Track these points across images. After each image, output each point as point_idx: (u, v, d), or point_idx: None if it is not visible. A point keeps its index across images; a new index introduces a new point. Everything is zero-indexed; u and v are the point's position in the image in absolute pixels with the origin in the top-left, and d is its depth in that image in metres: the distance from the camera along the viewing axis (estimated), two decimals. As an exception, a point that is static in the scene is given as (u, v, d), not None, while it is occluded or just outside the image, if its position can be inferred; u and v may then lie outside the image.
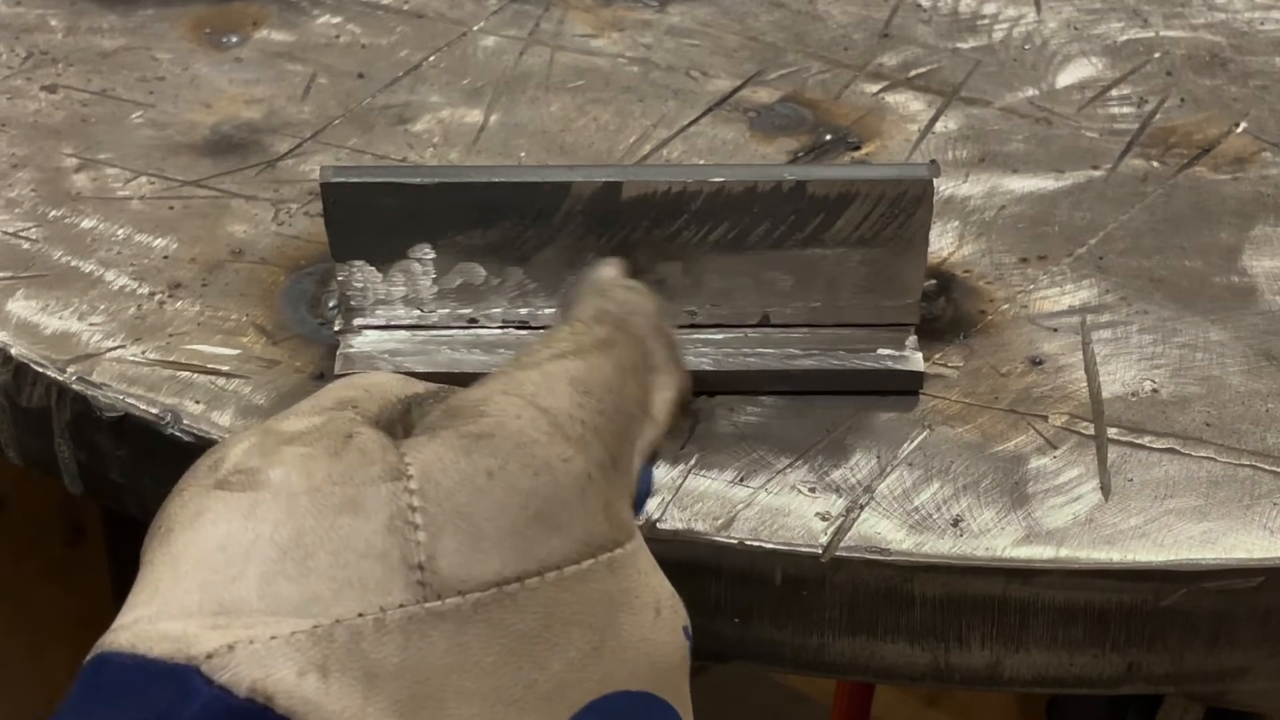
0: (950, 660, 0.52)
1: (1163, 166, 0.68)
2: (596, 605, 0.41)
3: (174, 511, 0.41)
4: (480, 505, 0.40)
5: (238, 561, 0.39)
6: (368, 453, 0.41)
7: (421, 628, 0.39)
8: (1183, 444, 0.54)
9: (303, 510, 0.39)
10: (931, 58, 0.75)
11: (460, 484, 0.40)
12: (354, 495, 0.40)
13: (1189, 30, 0.76)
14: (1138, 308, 0.60)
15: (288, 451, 0.41)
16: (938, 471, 0.53)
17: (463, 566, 0.39)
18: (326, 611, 0.38)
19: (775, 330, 0.57)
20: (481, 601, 0.39)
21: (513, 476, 0.40)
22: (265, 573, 0.39)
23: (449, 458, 0.41)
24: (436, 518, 0.40)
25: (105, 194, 0.66)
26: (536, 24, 0.77)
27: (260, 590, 0.38)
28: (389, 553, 0.39)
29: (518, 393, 0.42)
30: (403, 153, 0.68)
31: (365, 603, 0.38)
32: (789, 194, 0.54)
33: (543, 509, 0.40)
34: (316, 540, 0.39)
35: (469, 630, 0.39)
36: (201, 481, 0.41)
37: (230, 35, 0.76)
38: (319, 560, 0.39)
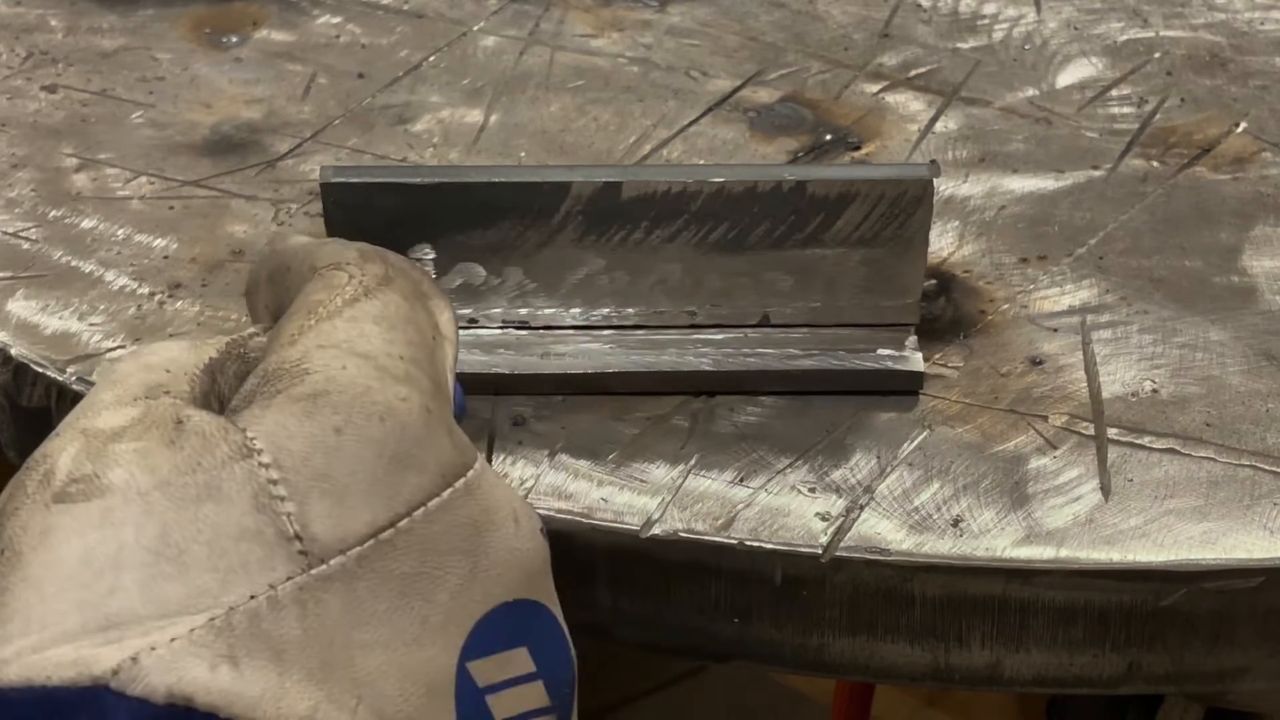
0: (950, 660, 0.52)
1: (1163, 166, 0.68)
2: (464, 529, 0.42)
3: (15, 534, 0.39)
4: (337, 463, 0.40)
5: (108, 573, 0.38)
6: (208, 436, 0.40)
7: (314, 594, 0.39)
8: (1183, 444, 0.54)
9: (160, 507, 0.39)
10: (931, 58, 0.75)
11: (312, 447, 0.40)
12: (209, 481, 0.39)
13: (1189, 30, 0.77)
14: (1138, 308, 0.60)
15: (119, 450, 0.40)
16: (938, 471, 0.53)
17: (337, 526, 0.40)
18: (218, 601, 0.38)
19: (775, 330, 0.57)
20: (363, 555, 0.40)
21: (360, 428, 0.41)
22: (142, 578, 0.38)
23: (292, 424, 0.40)
24: (299, 486, 0.40)
25: (105, 194, 0.66)
26: (536, 24, 0.77)
27: (143, 596, 0.38)
28: (263, 530, 0.39)
29: (332, 343, 0.43)
30: (403, 153, 0.68)
31: (253, 584, 0.38)
32: (789, 194, 0.54)
33: (396, 451, 0.41)
34: (185, 534, 0.38)
35: (358, 585, 0.40)
36: (35, 498, 0.40)
37: (230, 35, 0.76)
38: (194, 554, 0.38)
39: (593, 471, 0.53)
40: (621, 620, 0.53)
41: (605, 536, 0.52)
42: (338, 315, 0.44)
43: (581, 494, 0.53)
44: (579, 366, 0.56)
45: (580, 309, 0.57)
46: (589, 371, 0.56)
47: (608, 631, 0.54)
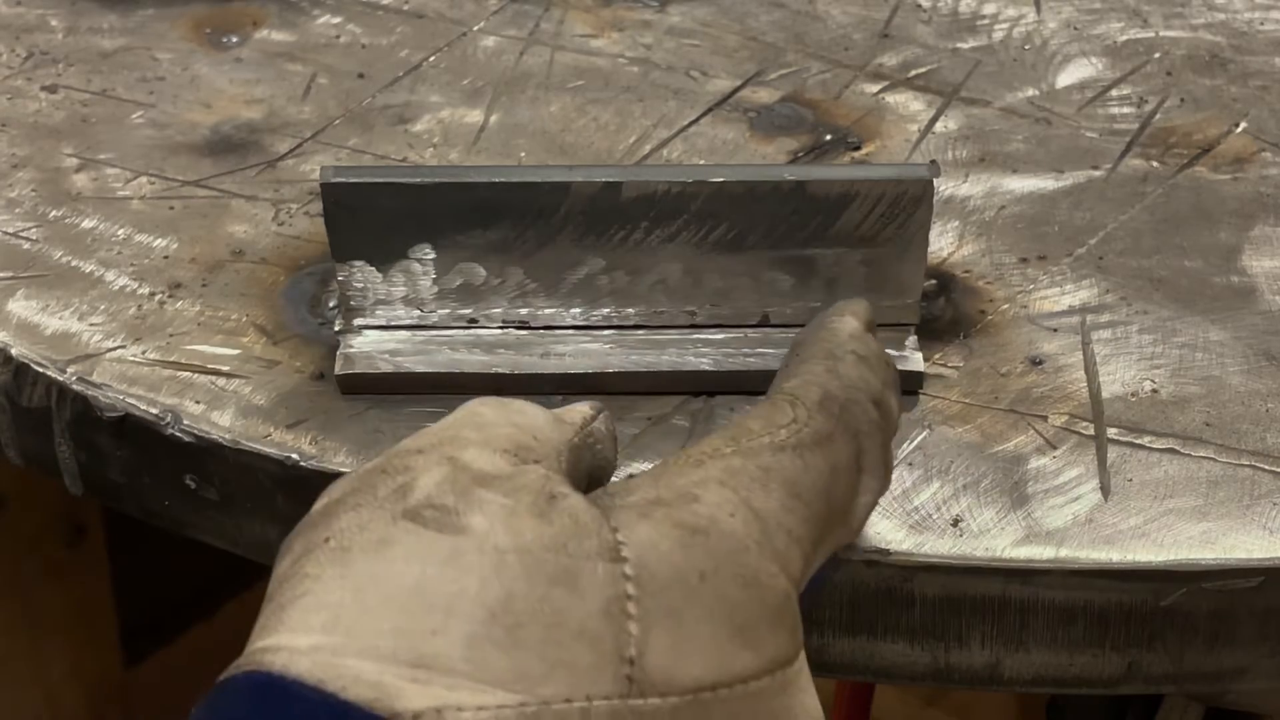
0: (950, 660, 0.52)
1: (1163, 166, 0.68)
2: (763, 718, 0.40)
3: (349, 529, 0.39)
4: (691, 606, 0.39)
5: (438, 612, 0.37)
6: (581, 523, 0.39)
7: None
8: (1183, 444, 0.54)
9: (512, 572, 0.37)
10: (931, 58, 0.75)
11: (674, 579, 0.39)
12: (569, 568, 0.38)
13: (1189, 30, 0.77)
14: (1138, 308, 0.60)
15: (487, 497, 0.39)
16: (938, 471, 0.53)
17: (669, 668, 0.38)
18: (533, 690, 0.36)
19: (775, 330, 0.57)
20: (678, 707, 0.38)
21: (724, 583, 0.39)
22: (471, 633, 0.36)
23: (664, 547, 0.39)
24: (651, 610, 0.38)
25: (105, 194, 0.66)
26: (536, 24, 0.77)
27: (466, 652, 0.36)
28: (602, 639, 0.38)
29: (733, 486, 0.41)
30: (403, 153, 0.68)
31: (574, 688, 0.37)
32: (789, 194, 0.54)
33: (745, 623, 0.40)
34: (528, 610, 0.37)
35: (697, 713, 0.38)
36: (385, 506, 0.39)
37: (230, 35, 0.76)
38: (530, 633, 0.37)
39: (593, 471, 0.53)
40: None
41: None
42: (753, 457, 0.42)
43: (581, 494, 0.52)
44: (579, 366, 0.56)
45: (580, 309, 0.57)
46: (589, 371, 0.56)
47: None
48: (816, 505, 0.43)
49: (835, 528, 0.44)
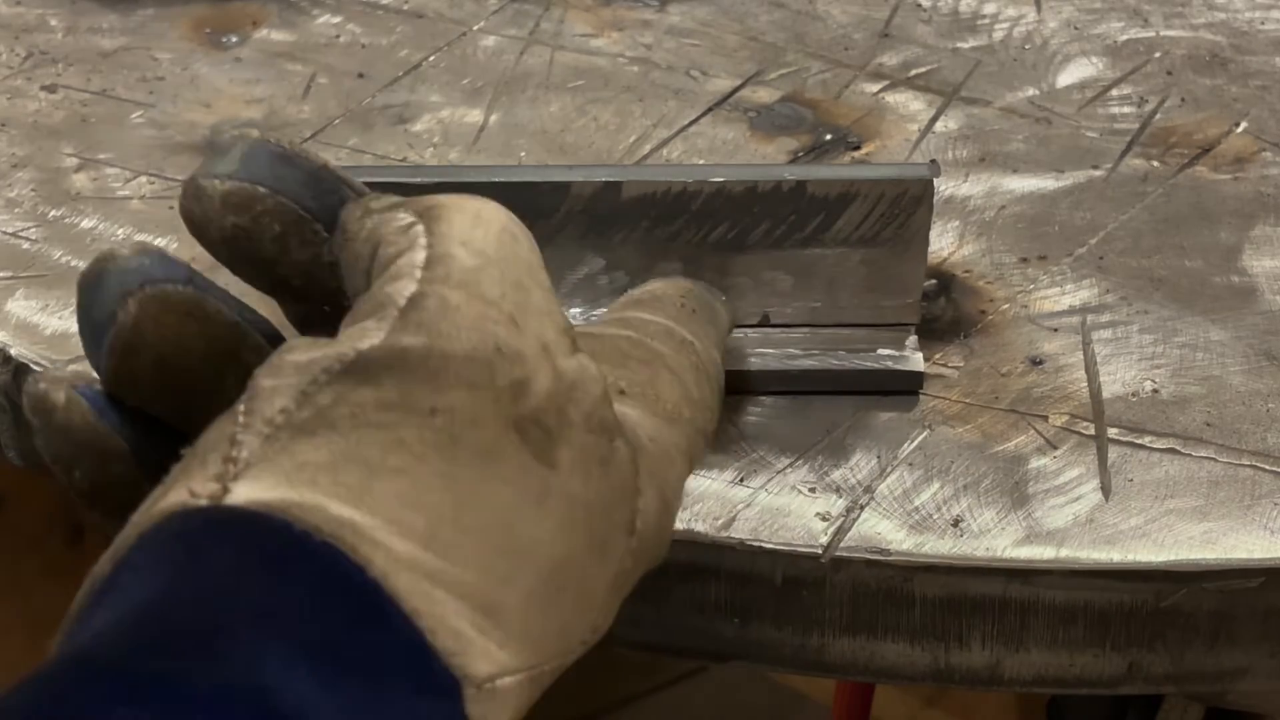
0: (950, 660, 0.52)
1: (1163, 166, 0.68)
2: None
3: (461, 415, 0.35)
4: (632, 582, 0.41)
5: (516, 558, 0.35)
6: (625, 484, 0.39)
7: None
8: (1183, 444, 0.54)
9: (575, 532, 0.37)
10: (931, 58, 0.75)
11: (651, 561, 0.41)
12: (606, 538, 0.38)
13: (1189, 30, 0.76)
14: (1138, 308, 0.60)
15: (573, 427, 0.37)
16: (938, 471, 0.53)
17: (605, 628, 0.40)
18: (543, 655, 0.36)
19: (775, 330, 0.57)
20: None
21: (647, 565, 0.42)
22: (532, 590, 0.36)
23: (651, 526, 0.40)
24: (627, 584, 0.40)
25: (105, 194, 0.66)
26: (536, 24, 0.77)
27: (522, 610, 0.35)
28: (601, 610, 0.38)
29: (686, 460, 0.44)
30: (403, 153, 0.68)
31: (562, 655, 0.37)
32: (789, 194, 0.54)
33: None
34: (573, 576, 0.37)
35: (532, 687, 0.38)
36: (501, 403, 0.36)
37: (230, 35, 0.76)
38: (566, 599, 0.37)
39: (593, 471, 0.53)
40: (621, 620, 0.53)
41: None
42: (692, 435, 0.46)
43: (581, 494, 0.52)
44: (579, 366, 0.56)
45: (580, 309, 0.57)
46: (589, 371, 0.56)
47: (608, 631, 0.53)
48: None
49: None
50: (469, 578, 0.34)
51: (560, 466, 0.37)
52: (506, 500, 0.35)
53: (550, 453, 0.37)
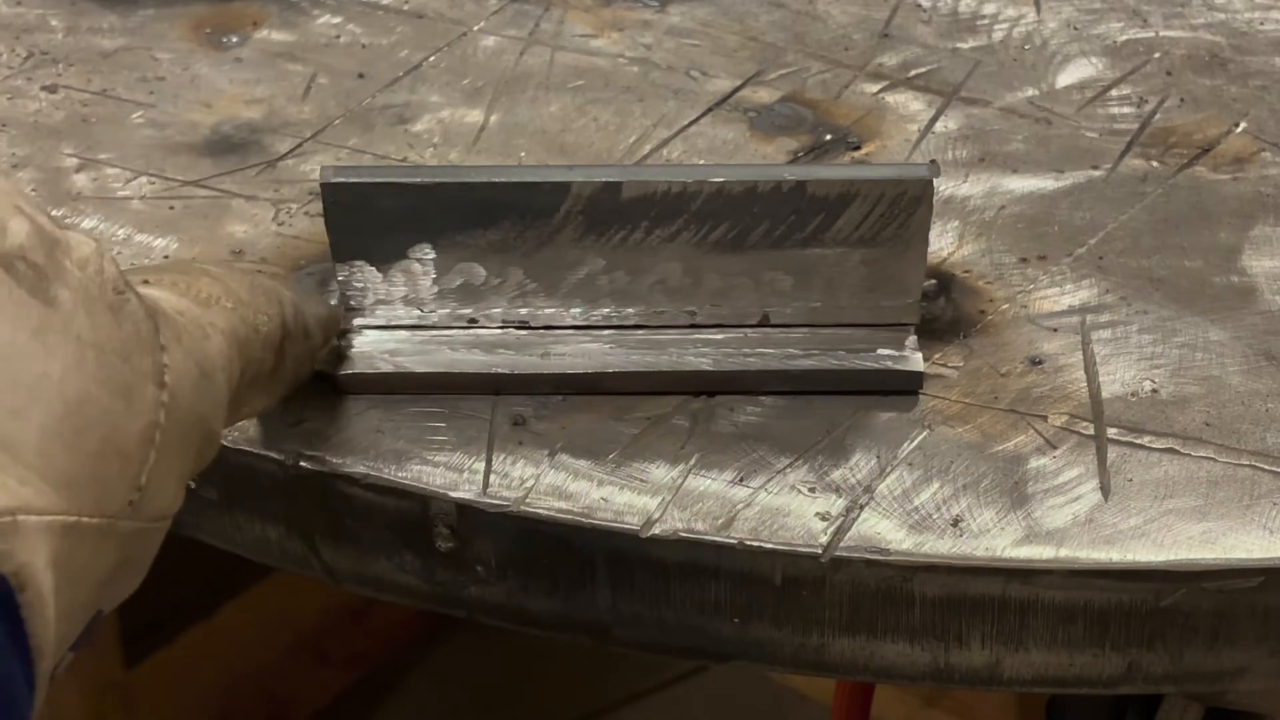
0: (950, 660, 0.52)
1: (1162, 166, 0.68)
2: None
3: None
4: (184, 444, 0.41)
5: (22, 391, 0.35)
6: (143, 335, 0.39)
7: (110, 543, 0.38)
8: (1182, 444, 0.54)
9: (89, 371, 0.37)
10: (931, 58, 0.75)
11: (184, 419, 0.40)
12: (130, 383, 0.38)
13: (1189, 30, 0.76)
14: (1137, 308, 0.60)
15: (71, 270, 0.38)
16: (938, 471, 0.53)
17: (156, 498, 0.40)
18: (77, 502, 0.36)
19: (775, 330, 0.57)
20: (144, 530, 0.40)
21: (203, 429, 0.43)
22: (46, 426, 0.35)
23: (186, 384, 0.41)
24: (167, 444, 0.39)
25: (105, 194, 0.66)
26: (536, 24, 0.77)
27: (39, 445, 0.35)
28: (130, 464, 0.38)
29: (228, 341, 0.45)
30: (403, 153, 0.68)
31: (101, 506, 0.37)
32: (789, 194, 0.54)
33: (195, 470, 0.44)
34: (93, 416, 0.37)
35: (126, 548, 0.39)
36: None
37: (230, 35, 0.76)
38: (88, 440, 0.37)
39: (593, 471, 0.53)
40: (621, 620, 0.53)
41: (605, 536, 0.52)
42: (243, 322, 0.47)
43: (581, 494, 0.53)
44: (579, 366, 0.56)
45: (580, 309, 0.57)
46: (589, 371, 0.56)
47: (608, 631, 0.54)
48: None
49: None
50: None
51: (60, 305, 0.37)
52: (3, 333, 0.35)
53: (45, 290, 0.37)
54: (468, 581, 0.54)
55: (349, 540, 0.55)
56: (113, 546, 0.38)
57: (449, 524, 0.53)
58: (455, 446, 0.54)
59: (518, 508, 0.52)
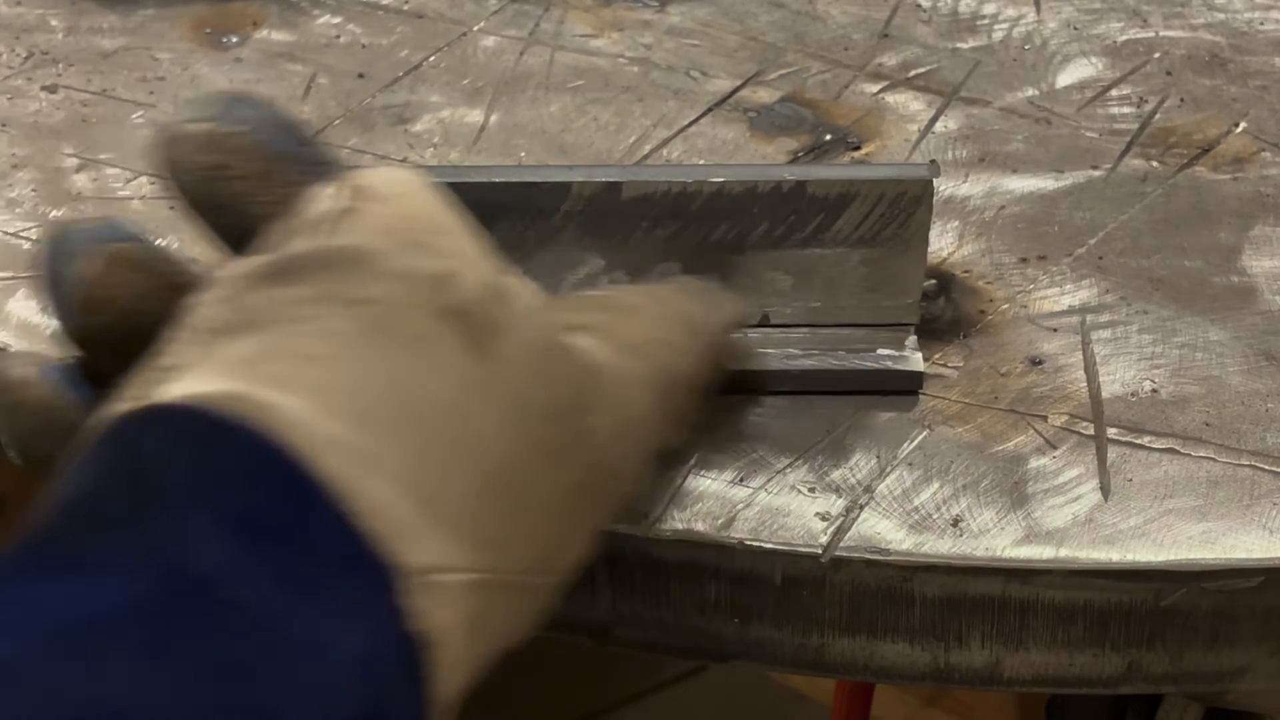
0: (950, 660, 0.52)
1: (1162, 166, 0.68)
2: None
3: (389, 303, 0.35)
4: (588, 513, 0.42)
5: (455, 448, 0.35)
6: (573, 397, 0.39)
7: (519, 599, 0.38)
8: (1182, 444, 0.54)
9: (518, 430, 0.36)
10: (931, 58, 0.75)
11: (607, 479, 0.42)
12: (555, 443, 0.37)
13: (1189, 30, 0.76)
14: (1137, 308, 0.60)
15: (515, 330, 0.37)
16: (938, 471, 0.53)
17: (573, 558, 0.41)
18: (493, 560, 0.35)
19: (775, 330, 0.57)
20: (537, 586, 0.40)
21: (601, 505, 0.43)
22: (472, 485, 0.35)
23: (613, 451, 0.42)
24: (585, 503, 0.40)
25: (106, 194, 0.66)
26: (536, 24, 0.77)
27: (467, 506, 0.35)
28: (549, 524, 0.38)
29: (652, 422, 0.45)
30: (403, 153, 0.68)
31: (516, 564, 0.37)
32: (789, 194, 0.54)
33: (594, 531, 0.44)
34: (518, 476, 0.36)
35: (532, 601, 0.39)
36: (426, 288, 0.36)
37: (230, 35, 0.76)
38: (511, 499, 0.36)
39: (593, 471, 0.53)
40: (621, 620, 0.53)
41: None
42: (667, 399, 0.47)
43: (581, 494, 0.53)
44: (579, 366, 0.56)
45: (580, 309, 0.57)
46: (589, 371, 0.56)
47: (608, 631, 0.54)
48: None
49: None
50: (405, 464, 0.34)
51: (498, 360, 0.36)
52: (441, 387, 0.35)
53: (486, 345, 0.36)
54: (468, 581, 0.54)
55: (349, 540, 0.55)
56: (519, 600, 0.38)
57: (449, 524, 0.53)
58: (455, 446, 0.54)
59: (518, 508, 0.52)
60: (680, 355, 0.47)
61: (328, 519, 0.33)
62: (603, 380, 0.41)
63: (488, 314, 0.37)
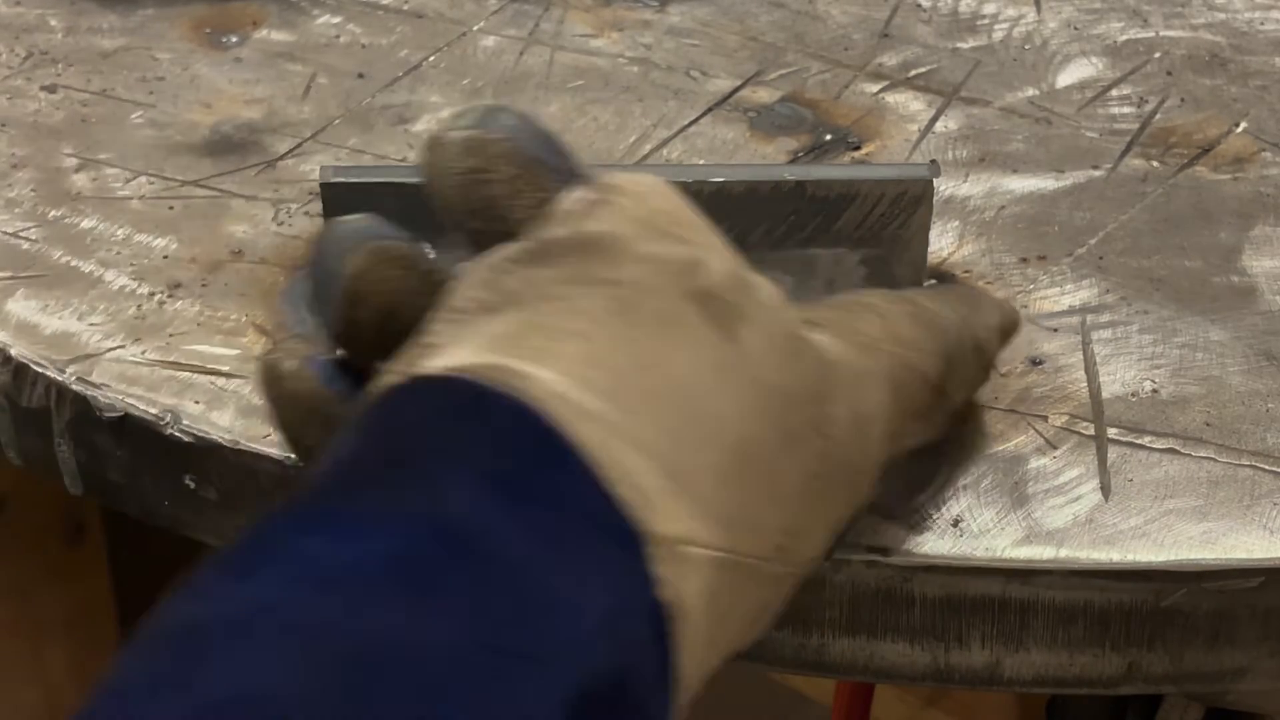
0: (950, 660, 0.52)
1: (1163, 166, 0.67)
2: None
3: (639, 284, 0.37)
4: (841, 499, 0.42)
5: (700, 425, 0.36)
6: (812, 384, 0.39)
7: (758, 585, 0.38)
8: (1183, 444, 0.54)
9: (762, 413, 0.37)
10: (931, 58, 0.75)
11: (846, 469, 0.41)
12: (795, 429, 0.38)
13: (1189, 30, 0.76)
14: (1138, 308, 0.60)
15: (761, 316, 0.39)
16: (938, 471, 0.53)
17: (804, 549, 0.40)
18: (734, 540, 0.36)
19: (775, 330, 0.57)
20: (788, 574, 0.40)
21: (853, 496, 0.44)
22: (719, 463, 0.36)
23: (844, 437, 0.41)
24: (821, 493, 0.40)
25: (105, 194, 0.66)
26: (536, 24, 0.77)
27: (710, 482, 0.36)
28: (786, 510, 0.38)
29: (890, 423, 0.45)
30: (403, 153, 0.68)
31: (754, 547, 0.37)
32: (789, 194, 0.54)
33: (841, 523, 0.45)
34: (760, 459, 0.37)
35: (770, 591, 0.40)
36: (676, 272, 0.38)
37: (230, 35, 0.76)
38: (752, 481, 0.37)
39: (593, 471, 0.53)
40: (621, 620, 0.53)
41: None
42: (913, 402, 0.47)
43: (581, 494, 0.52)
44: (579, 366, 0.56)
45: (580, 309, 0.57)
46: (589, 371, 0.56)
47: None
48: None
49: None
50: (653, 437, 0.35)
51: (743, 343, 0.38)
52: (688, 366, 0.36)
53: (730, 329, 0.38)
54: (468, 581, 0.54)
55: (349, 540, 0.55)
56: (759, 588, 0.39)
57: (449, 524, 0.53)
58: (455, 446, 0.54)
59: (518, 508, 0.52)
60: (919, 354, 0.47)
61: (582, 483, 0.34)
62: (840, 373, 0.42)
63: (732, 299, 0.39)
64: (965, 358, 0.49)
